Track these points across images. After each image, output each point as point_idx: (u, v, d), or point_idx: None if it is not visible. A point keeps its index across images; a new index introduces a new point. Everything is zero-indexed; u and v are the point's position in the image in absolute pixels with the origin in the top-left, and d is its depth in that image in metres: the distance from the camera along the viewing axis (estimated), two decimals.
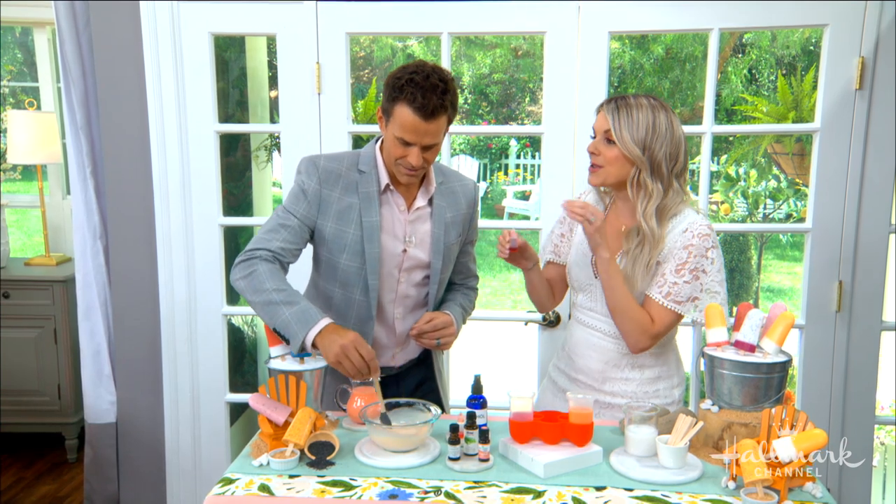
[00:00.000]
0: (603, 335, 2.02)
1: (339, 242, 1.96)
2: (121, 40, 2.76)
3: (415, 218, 2.02)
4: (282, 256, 1.92)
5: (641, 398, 2.00)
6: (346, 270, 1.98)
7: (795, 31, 7.44)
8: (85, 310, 2.97)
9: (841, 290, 2.65)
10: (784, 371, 1.76)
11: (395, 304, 2.06)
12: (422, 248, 2.02)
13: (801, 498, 1.56)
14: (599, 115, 1.95)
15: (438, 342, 2.02)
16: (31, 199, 4.79)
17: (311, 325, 1.78)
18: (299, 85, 2.73)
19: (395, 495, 1.56)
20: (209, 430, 2.95)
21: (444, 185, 2.06)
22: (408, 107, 1.80)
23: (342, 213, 1.95)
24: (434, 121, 1.82)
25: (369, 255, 1.95)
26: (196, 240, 2.84)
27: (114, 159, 2.85)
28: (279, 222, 1.95)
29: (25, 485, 3.46)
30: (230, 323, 2.99)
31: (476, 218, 2.18)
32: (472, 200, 2.13)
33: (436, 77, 1.82)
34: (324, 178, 1.95)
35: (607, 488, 1.60)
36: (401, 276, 2.03)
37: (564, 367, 2.11)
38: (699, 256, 1.88)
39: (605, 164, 1.91)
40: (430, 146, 1.87)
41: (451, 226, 2.06)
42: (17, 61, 7.90)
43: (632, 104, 1.90)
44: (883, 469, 3.14)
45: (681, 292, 1.89)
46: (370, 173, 1.97)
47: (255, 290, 1.85)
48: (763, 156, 5.65)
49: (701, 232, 1.89)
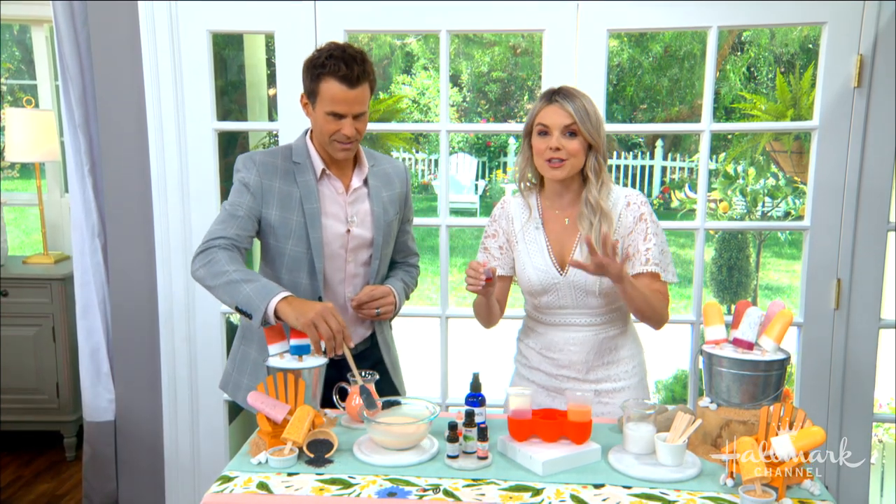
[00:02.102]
0: (580, 327, 2.03)
1: (285, 229, 2.05)
2: (119, 38, 2.76)
3: (353, 199, 2.11)
4: (238, 242, 1.98)
5: (622, 378, 2.05)
6: (292, 256, 2.06)
7: (794, 29, 7.44)
8: (83, 308, 2.97)
9: (839, 287, 2.65)
10: (782, 369, 1.76)
11: (344, 284, 2.13)
12: (363, 226, 2.12)
13: (799, 495, 1.56)
14: (550, 111, 1.96)
15: (378, 312, 2.10)
16: (29, 197, 4.79)
17: (272, 295, 1.83)
18: (298, 83, 2.68)
19: (393, 493, 1.56)
20: (208, 427, 2.95)
21: (376, 167, 2.17)
22: (333, 79, 1.92)
23: (284, 202, 2.04)
24: (360, 87, 1.94)
25: (314, 240, 2.04)
26: (194, 238, 2.84)
27: (112, 157, 2.85)
28: (229, 213, 2.01)
29: (24, 483, 3.45)
30: (229, 321, 2.99)
31: (409, 197, 2.28)
32: (404, 180, 2.24)
33: (352, 50, 1.95)
34: (262, 171, 2.04)
35: (606, 486, 1.60)
36: (348, 256, 2.11)
37: (541, 366, 2.10)
38: (652, 221, 2.01)
39: (568, 157, 1.95)
40: (359, 114, 1.98)
41: (389, 204, 2.16)
42: (15, 59, 7.89)
43: (577, 94, 1.97)
44: (881, 466, 3.14)
45: (656, 255, 1.98)
46: (304, 163, 2.07)
47: (214, 274, 1.90)
48: (761, 154, 5.64)
49: (641, 200, 2.02)
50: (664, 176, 12.51)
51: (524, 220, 2.08)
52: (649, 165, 12.51)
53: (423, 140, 12.53)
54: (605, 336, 2.04)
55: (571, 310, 2.03)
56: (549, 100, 1.97)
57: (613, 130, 3.38)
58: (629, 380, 2.07)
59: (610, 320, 2.04)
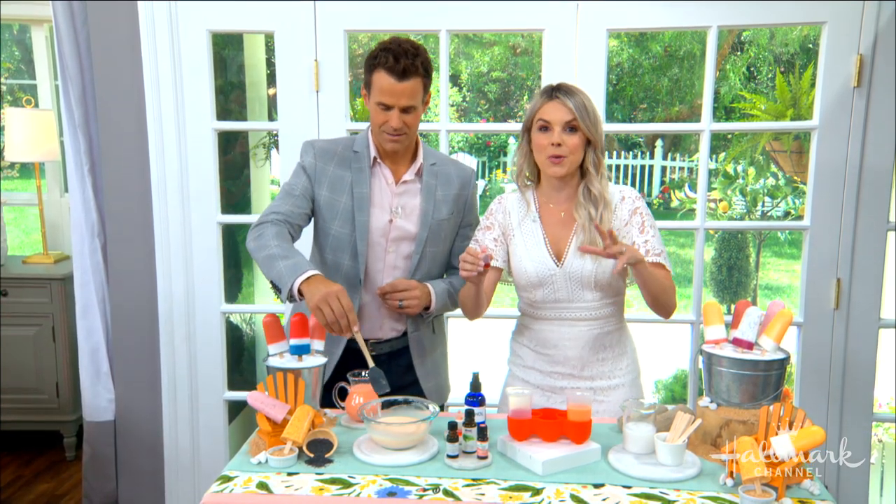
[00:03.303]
0: (576, 321, 2.03)
1: (332, 211, 2.11)
2: (118, 37, 2.76)
3: (402, 191, 2.14)
4: (290, 218, 2.06)
5: (616, 375, 2.06)
6: (336, 236, 2.12)
7: (794, 29, 7.44)
8: (83, 308, 2.97)
9: (839, 287, 2.65)
10: (782, 368, 1.76)
11: (383, 274, 2.15)
12: (410, 220, 2.14)
13: (798, 495, 1.56)
14: (551, 107, 1.97)
15: (401, 304, 2.10)
16: (28, 197, 4.78)
17: (300, 273, 1.86)
18: (298, 82, 2.73)
19: (393, 493, 1.56)
20: (207, 427, 2.95)
21: (437, 166, 2.19)
22: (383, 70, 1.97)
23: (334, 184, 2.11)
24: (407, 81, 1.98)
25: (359, 223, 2.09)
26: (194, 237, 2.84)
27: (112, 157, 2.85)
28: (285, 191, 2.12)
29: (24, 483, 3.45)
30: (228, 321, 2.99)
31: (473, 204, 2.26)
32: (467, 182, 2.23)
33: (407, 44, 2.00)
34: (319, 155, 2.14)
35: (605, 486, 1.60)
36: (388, 246, 2.13)
37: (535, 364, 2.09)
38: (648, 214, 2.04)
39: (568, 154, 1.96)
40: (407, 108, 2.01)
41: (442, 203, 2.16)
42: (14, 59, 7.88)
43: (576, 90, 1.99)
44: (881, 466, 3.14)
45: (655, 245, 2.00)
46: (362, 153, 2.13)
47: (260, 247, 1.97)
48: (761, 153, 5.65)
49: (635, 195, 2.06)
50: (664, 176, 12.51)
51: (522, 214, 2.09)
52: (649, 165, 12.51)
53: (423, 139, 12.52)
54: (600, 332, 2.05)
55: (566, 304, 2.03)
56: (550, 96, 1.98)
57: (613, 130, 3.39)
58: (623, 377, 2.08)
59: (605, 315, 2.05)
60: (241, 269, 3.69)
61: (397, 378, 2.15)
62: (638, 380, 2.13)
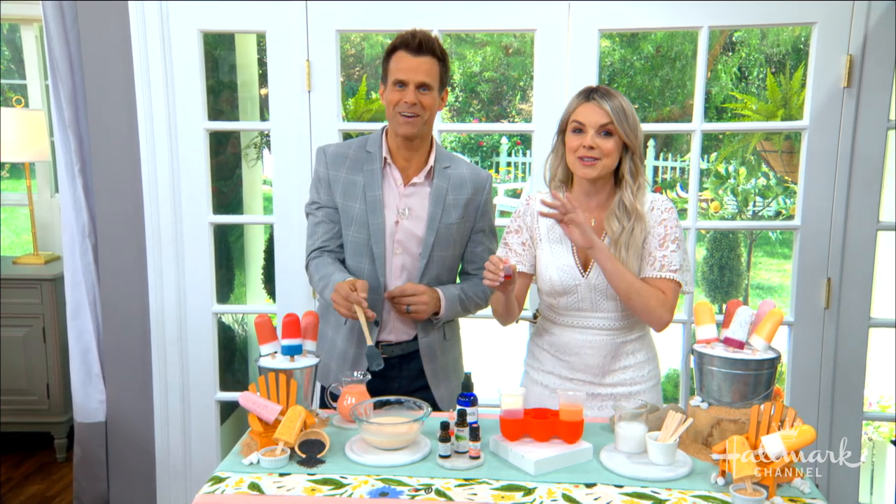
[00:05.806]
0: (598, 331, 2.01)
1: (347, 216, 2.12)
2: (109, 37, 2.75)
3: (410, 193, 2.13)
4: (325, 246, 2.14)
5: (638, 382, 2.03)
6: (354, 241, 2.13)
7: (785, 30, 7.47)
8: (74, 308, 2.96)
9: (829, 286, 2.66)
10: (773, 368, 1.76)
11: (391, 276, 2.14)
12: (417, 223, 2.12)
13: (789, 493, 1.57)
14: (586, 109, 1.92)
15: (408, 309, 2.09)
16: (19, 197, 4.75)
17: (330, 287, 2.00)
18: (289, 82, 2.73)
19: (385, 493, 1.56)
20: (199, 428, 2.94)
21: (451, 169, 2.16)
22: (400, 49, 2.02)
23: (347, 190, 2.12)
24: (423, 56, 2.00)
25: (373, 227, 2.09)
26: (186, 238, 2.83)
27: (102, 157, 2.84)
28: (312, 223, 2.18)
29: (14, 484, 3.44)
30: (220, 321, 2.99)
31: (487, 208, 2.21)
32: (481, 187, 2.19)
33: (421, 32, 2.03)
34: (331, 162, 2.14)
35: (597, 485, 1.61)
36: (395, 248, 2.12)
37: (555, 370, 2.07)
38: (674, 227, 1.97)
39: (602, 157, 1.92)
40: (423, 86, 2.01)
41: (452, 207, 2.13)
42: (4, 58, 7.84)
43: (615, 93, 1.94)
44: (871, 464, 3.16)
45: (673, 262, 1.94)
46: (374, 153, 2.13)
47: (315, 285, 2.13)
48: (752, 153, 5.67)
49: (667, 206, 1.99)
50: (656, 175, 12.54)
51: (551, 220, 1.98)
52: None
53: None
54: (621, 341, 2.02)
55: (589, 312, 2.01)
56: (587, 97, 1.94)
57: None
58: (645, 384, 2.05)
59: (626, 326, 2.02)
60: (233, 270, 3.68)
61: (407, 384, 2.16)
62: (658, 386, 2.11)
